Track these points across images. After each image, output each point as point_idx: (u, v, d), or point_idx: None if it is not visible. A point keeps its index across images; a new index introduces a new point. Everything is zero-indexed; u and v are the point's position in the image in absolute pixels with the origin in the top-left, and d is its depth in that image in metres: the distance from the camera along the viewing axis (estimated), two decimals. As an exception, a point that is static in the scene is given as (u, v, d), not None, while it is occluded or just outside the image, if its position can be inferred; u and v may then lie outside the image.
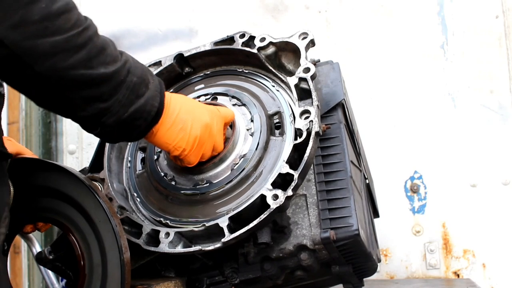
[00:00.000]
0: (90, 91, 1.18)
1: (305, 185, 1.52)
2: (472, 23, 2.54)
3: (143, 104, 1.26)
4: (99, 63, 1.18)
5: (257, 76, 1.68)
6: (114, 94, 1.21)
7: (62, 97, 1.18)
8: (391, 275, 2.52)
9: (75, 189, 1.36)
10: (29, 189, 1.41)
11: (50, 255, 1.40)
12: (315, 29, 2.09)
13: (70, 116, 1.25)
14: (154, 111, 1.29)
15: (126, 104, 1.23)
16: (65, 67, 1.13)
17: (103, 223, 1.31)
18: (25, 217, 1.45)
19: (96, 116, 1.22)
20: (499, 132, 2.49)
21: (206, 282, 1.53)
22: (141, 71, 1.28)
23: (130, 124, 1.27)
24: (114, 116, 1.23)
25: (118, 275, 1.27)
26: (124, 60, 1.24)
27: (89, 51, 1.16)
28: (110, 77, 1.20)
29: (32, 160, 1.46)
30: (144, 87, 1.27)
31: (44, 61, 1.11)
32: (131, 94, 1.24)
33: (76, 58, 1.14)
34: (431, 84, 2.54)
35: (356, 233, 1.46)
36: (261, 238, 1.44)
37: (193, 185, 1.53)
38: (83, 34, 1.15)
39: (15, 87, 1.20)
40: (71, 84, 1.15)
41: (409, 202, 2.53)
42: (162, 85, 1.34)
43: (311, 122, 1.45)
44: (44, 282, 1.63)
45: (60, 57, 1.12)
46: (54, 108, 1.25)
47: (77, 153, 2.71)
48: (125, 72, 1.23)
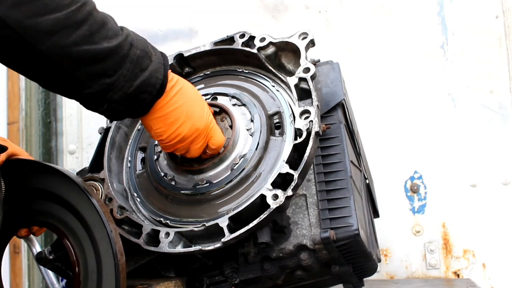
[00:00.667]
0: (94, 67, 1.18)
1: (305, 185, 1.52)
2: (472, 23, 2.54)
3: (147, 77, 1.26)
4: (102, 38, 1.18)
5: (257, 76, 1.68)
6: (118, 69, 1.21)
7: (66, 76, 1.18)
8: (391, 275, 2.52)
9: (70, 192, 1.33)
10: (24, 192, 1.39)
11: (50, 255, 1.39)
12: (315, 29, 2.08)
13: (75, 95, 1.25)
14: (159, 84, 1.30)
15: (131, 78, 1.23)
16: (68, 44, 1.14)
17: (98, 228, 1.28)
18: (19, 220, 1.43)
19: (102, 93, 1.22)
20: (499, 132, 2.49)
21: (206, 282, 1.53)
22: (143, 44, 1.28)
23: (136, 98, 1.27)
24: (120, 91, 1.23)
25: (113, 282, 1.25)
26: (126, 33, 1.25)
27: (90, 26, 1.16)
28: (114, 51, 1.20)
29: (27, 162, 1.43)
30: (147, 59, 1.27)
31: (47, 39, 1.11)
32: (135, 67, 1.24)
33: (78, 34, 1.14)
34: (431, 84, 2.54)
35: (356, 233, 1.46)
36: (261, 238, 1.44)
37: (193, 185, 1.53)
38: (82, 9, 1.15)
39: (18, 70, 1.20)
40: (75, 61, 1.16)
41: (409, 202, 2.52)
42: (165, 58, 1.34)
43: (311, 122, 1.45)
44: (44, 282, 1.63)
45: (62, 34, 1.12)
46: (59, 88, 1.25)
47: (77, 153, 2.71)
48: (127, 46, 1.23)
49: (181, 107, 1.37)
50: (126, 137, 1.74)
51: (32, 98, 2.78)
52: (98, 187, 1.60)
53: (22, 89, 2.80)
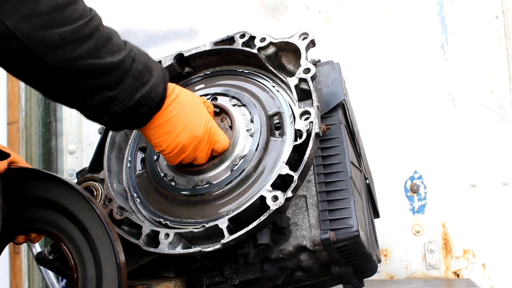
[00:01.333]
0: (98, 80, 1.21)
1: (305, 186, 1.51)
2: (472, 23, 2.54)
3: (148, 91, 1.29)
4: (106, 53, 1.21)
5: (257, 76, 1.68)
6: (120, 83, 1.24)
7: (70, 87, 1.20)
8: (391, 275, 2.52)
9: (71, 200, 1.34)
10: (23, 199, 1.39)
11: (50, 255, 1.40)
12: (315, 29, 2.08)
13: (76, 105, 1.27)
14: (158, 98, 1.32)
15: (132, 91, 1.26)
16: (74, 57, 1.16)
17: (100, 238, 1.28)
18: (17, 227, 1.43)
19: (103, 105, 1.24)
20: (499, 132, 2.49)
21: (206, 283, 1.53)
22: (145, 59, 1.31)
23: (136, 111, 1.29)
24: (121, 104, 1.26)
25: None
26: (129, 48, 1.27)
27: (96, 41, 1.19)
28: (117, 66, 1.23)
29: (27, 170, 1.44)
30: (148, 74, 1.30)
31: (54, 52, 1.14)
32: (136, 81, 1.26)
33: (84, 48, 1.17)
34: (431, 84, 2.54)
35: (356, 234, 1.46)
36: (260, 239, 1.44)
37: (193, 186, 1.53)
38: (90, 24, 1.18)
39: (24, 79, 1.23)
40: (80, 74, 1.18)
41: (409, 202, 2.53)
42: (165, 73, 1.37)
43: (311, 123, 1.44)
44: (44, 282, 1.63)
45: (69, 48, 1.15)
46: (61, 99, 1.28)
47: (77, 153, 2.71)
48: (130, 61, 1.26)
49: (177, 115, 1.38)
50: (126, 137, 1.74)
51: (32, 98, 2.79)
52: (98, 188, 1.59)
53: (22, 89, 2.80)
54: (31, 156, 2.73)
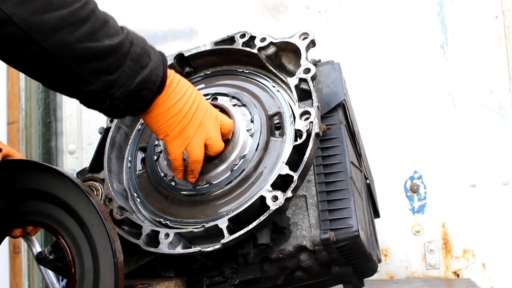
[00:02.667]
0: (97, 64, 1.21)
1: (305, 186, 1.51)
2: (472, 23, 2.54)
3: (148, 75, 1.29)
4: (104, 36, 1.21)
5: (257, 76, 1.68)
6: (120, 66, 1.24)
7: (69, 73, 1.20)
8: (391, 275, 2.52)
9: (66, 191, 1.32)
10: (18, 192, 1.39)
11: (50, 255, 1.39)
12: (315, 29, 2.08)
13: (76, 93, 1.27)
14: (159, 81, 1.33)
15: (132, 75, 1.26)
16: (72, 41, 1.16)
17: (96, 227, 1.27)
18: (13, 220, 1.42)
19: (104, 90, 1.25)
20: (499, 132, 2.49)
21: (206, 283, 1.53)
22: (143, 43, 1.32)
23: (137, 95, 1.29)
24: (122, 88, 1.26)
25: (111, 280, 1.24)
26: (126, 32, 1.28)
27: (93, 24, 1.19)
28: (115, 49, 1.23)
29: (22, 162, 1.42)
30: (147, 57, 1.30)
31: (52, 36, 1.14)
32: (136, 65, 1.27)
33: (82, 31, 1.17)
34: (431, 84, 2.54)
35: (356, 234, 1.46)
36: (260, 239, 1.44)
37: (193, 186, 1.53)
38: (86, 7, 1.18)
39: (22, 68, 1.23)
40: (78, 58, 1.18)
41: (409, 202, 2.53)
42: (164, 57, 1.37)
43: (311, 123, 1.44)
44: (44, 282, 1.63)
45: (66, 31, 1.15)
46: (61, 87, 1.28)
47: (77, 153, 2.71)
48: (128, 44, 1.26)
49: (182, 99, 1.39)
50: (126, 137, 1.74)
51: (32, 98, 2.78)
52: (98, 187, 1.60)
53: (22, 89, 2.80)
54: (31, 156, 2.73)
